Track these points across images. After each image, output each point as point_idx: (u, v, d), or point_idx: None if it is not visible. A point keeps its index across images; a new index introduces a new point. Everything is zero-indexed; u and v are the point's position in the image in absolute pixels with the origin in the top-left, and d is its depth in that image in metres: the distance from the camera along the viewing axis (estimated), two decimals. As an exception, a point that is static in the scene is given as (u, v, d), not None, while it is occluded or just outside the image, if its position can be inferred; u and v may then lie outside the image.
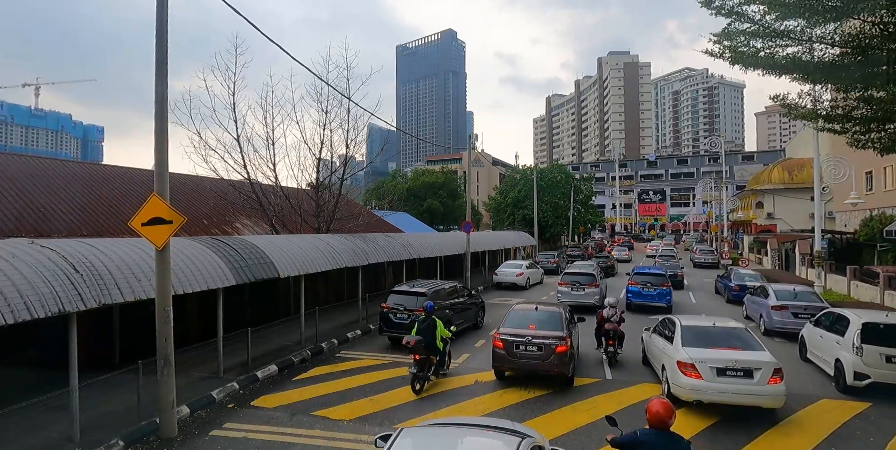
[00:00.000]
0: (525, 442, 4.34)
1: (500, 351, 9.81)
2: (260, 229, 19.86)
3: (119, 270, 7.96)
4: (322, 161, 18.49)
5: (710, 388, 8.26)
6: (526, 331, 9.84)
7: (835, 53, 10.40)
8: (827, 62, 10.29)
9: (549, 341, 9.55)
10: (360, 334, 14.46)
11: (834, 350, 10.19)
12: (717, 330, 9.35)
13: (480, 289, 24.47)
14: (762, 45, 10.39)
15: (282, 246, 12.63)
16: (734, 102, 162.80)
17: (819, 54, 10.58)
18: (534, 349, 9.59)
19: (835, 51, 10.43)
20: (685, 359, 8.59)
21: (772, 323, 14.53)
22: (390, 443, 4.30)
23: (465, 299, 14.83)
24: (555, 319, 10.17)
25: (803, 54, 10.53)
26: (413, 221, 41.31)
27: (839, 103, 11.89)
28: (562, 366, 9.48)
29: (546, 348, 9.50)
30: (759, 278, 20.71)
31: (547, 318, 10.28)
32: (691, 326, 9.52)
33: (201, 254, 9.89)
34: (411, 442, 4.36)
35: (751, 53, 10.40)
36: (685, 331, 9.33)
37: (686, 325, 9.58)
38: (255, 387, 9.90)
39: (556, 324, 10.02)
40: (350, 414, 8.41)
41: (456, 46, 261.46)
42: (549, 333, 9.70)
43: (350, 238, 16.22)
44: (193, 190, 20.20)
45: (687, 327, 9.46)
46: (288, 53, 11.05)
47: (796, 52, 10.53)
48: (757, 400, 8.22)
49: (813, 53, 10.59)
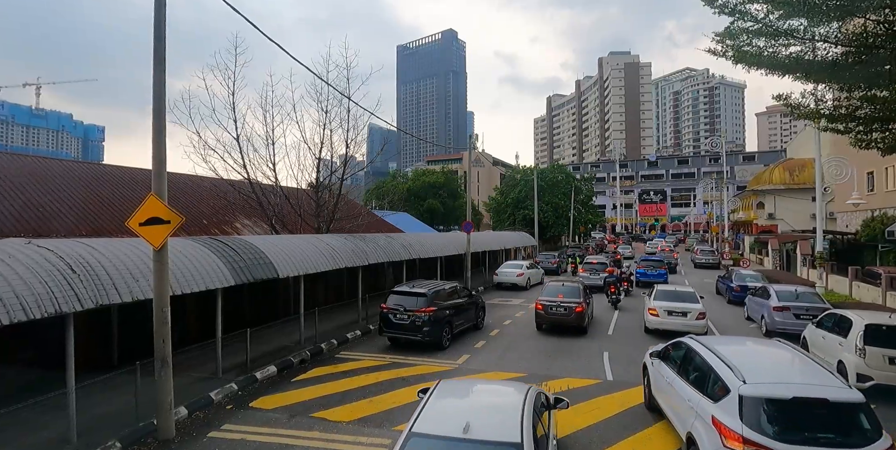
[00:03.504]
0: (533, 389, 5.74)
1: (540, 311, 14.85)
2: (260, 229, 19.81)
3: (117, 270, 7.90)
4: (322, 161, 18.44)
5: (663, 322, 14.34)
6: (556, 298, 14.79)
7: (838, 53, 10.29)
8: (830, 62, 10.18)
9: (572, 304, 14.49)
10: (359, 335, 14.40)
11: (836, 352, 10.12)
12: (676, 292, 15.46)
13: (481, 289, 24.41)
14: (765, 44, 10.29)
15: (281, 246, 12.57)
16: (735, 103, 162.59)
17: (822, 53, 10.47)
18: (561, 309, 14.54)
19: (838, 50, 10.33)
20: (652, 306, 14.80)
21: (773, 324, 14.46)
22: (431, 390, 5.63)
23: (466, 300, 14.76)
24: (576, 291, 15.08)
25: (806, 54, 10.42)
26: (413, 222, 41.24)
27: (842, 103, 11.79)
28: (580, 321, 14.49)
29: (569, 309, 14.44)
30: (760, 279, 20.63)
31: (570, 290, 15.15)
32: (662, 290, 15.71)
33: (200, 254, 9.83)
34: (447, 388, 5.83)
35: (753, 53, 10.30)
36: (657, 292, 15.51)
37: (659, 289, 15.86)
38: (254, 388, 9.83)
39: (577, 294, 14.93)
40: (349, 416, 8.35)
41: (456, 46, 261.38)
42: (572, 300, 14.65)
43: (350, 238, 16.16)
44: (193, 190, 20.16)
45: (659, 290, 15.68)
46: (287, 52, 11.00)
47: (800, 52, 10.43)
48: (688, 328, 13.38)
49: (816, 53, 10.50)
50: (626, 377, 10.56)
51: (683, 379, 7.05)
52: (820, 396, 5.43)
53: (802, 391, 5.50)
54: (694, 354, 7.14)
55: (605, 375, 10.87)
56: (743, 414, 5.45)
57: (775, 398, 5.47)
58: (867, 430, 5.26)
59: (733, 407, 5.59)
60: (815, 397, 5.41)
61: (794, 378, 6.01)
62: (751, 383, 5.70)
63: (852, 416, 5.37)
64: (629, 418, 8.37)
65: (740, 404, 5.55)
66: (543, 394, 6.05)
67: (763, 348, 7.67)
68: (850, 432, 5.29)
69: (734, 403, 5.61)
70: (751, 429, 5.31)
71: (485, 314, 16.16)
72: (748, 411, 5.46)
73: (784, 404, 5.42)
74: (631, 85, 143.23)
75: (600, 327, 15.80)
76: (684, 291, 15.58)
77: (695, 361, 7.03)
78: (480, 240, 28.15)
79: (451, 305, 13.62)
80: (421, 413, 5.00)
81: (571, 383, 10.17)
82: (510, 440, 4.51)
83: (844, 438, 5.23)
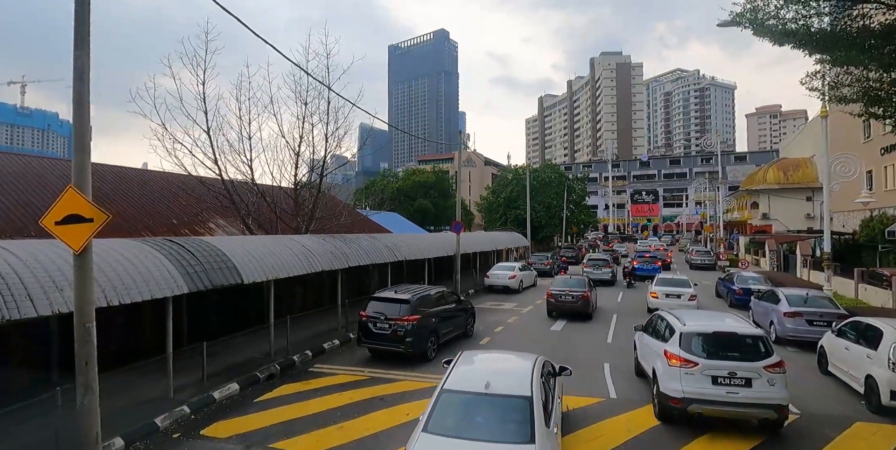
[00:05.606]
0: (540, 358, 6.80)
1: (550, 300, 17.24)
2: (236, 230, 18.50)
3: (35, 278, 6.66)
4: (301, 157, 17.19)
5: (662, 303, 16.65)
6: (565, 288, 17.34)
7: (882, 22, 9.13)
8: (882, 31, 8.94)
9: (578, 293, 16.98)
10: (338, 345, 13.18)
11: (864, 365, 9.10)
12: (672, 279, 18.86)
13: (471, 292, 23.27)
14: (795, 14, 9.14)
15: (249, 248, 11.35)
16: (725, 104, 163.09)
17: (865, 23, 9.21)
18: (570, 298, 16.98)
19: (882, 18, 9.07)
20: (653, 290, 17.90)
21: (784, 331, 13.45)
22: (454, 361, 6.62)
23: (454, 306, 13.61)
24: (582, 283, 17.86)
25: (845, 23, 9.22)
26: (403, 222, 40.04)
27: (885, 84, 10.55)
28: (586, 307, 16.96)
29: (577, 297, 16.90)
30: (763, 281, 19.71)
31: (577, 282, 18.00)
32: (661, 277, 19.11)
33: (147, 258, 8.59)
34: (468, 357, 6.93)
35: (781, 24, 9.14)
36: (658, 279, 18.81)
37: (659, 276, 19.37)
38: (210, 411, 8.61)
39: (583, 285, 17.60)
40: (313, 447, 7.17)
41: (448, 46, 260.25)
42: (578, 290, 17.16)
43: (329, 239, 14.95)
44: (163, 187, 18.83)
45: (659, 278, 19.06)
46: (257, 34, 9.74)
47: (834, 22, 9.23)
48: (681, 306, 16.08)
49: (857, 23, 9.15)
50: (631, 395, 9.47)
51: (654, 338, 9.33)
52: (731, 330, 8.16)
53: (720, 328, 8.27)
54: (662, 319, 9.47)
55: (609, 392, 9.76)
56: (681, 344, 8.10)
57: (702, 332, 8.16)
58: (763, 352, 7.77)
59: (676, 341, 8.23)
60: (728, 331, 8.14)
61: (719, 324, 8.49)
62: (688, 325, 8.45)
63: (754, 343, 7.92)
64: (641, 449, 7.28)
65: (680, 338, 8.20)
66: (550, 363, 7.22)
67: (711, 314, 10.37)
68: (751, 351, 7.80)
69: (677, 338, 8.26)
70: (686, 352, 7.95)
71: (475, 321, 15.01)
72: (684, 342, 8.11)
73: (707, 336, 8.11)
74: (623, 85, 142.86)
75: (601, 334, 14.74)
76: (679, 278, 19.09)
77: (662, 323, 9.34)
78: (471, 241, 27.02)
79: (438, 313, 12.47)
80: (449, 376, 6.11)
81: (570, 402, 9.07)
82: (523, 394, 5.63)
83: (746, 355, 7.75)
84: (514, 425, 5.29)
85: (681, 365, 7.74)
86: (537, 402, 5.50)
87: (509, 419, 5.37)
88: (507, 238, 35.41)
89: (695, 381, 7.55)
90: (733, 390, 7.39)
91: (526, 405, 5.44)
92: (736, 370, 7.46)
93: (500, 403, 5.57)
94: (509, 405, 5.52)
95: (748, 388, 7.37)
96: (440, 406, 5.57)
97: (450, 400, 5.64)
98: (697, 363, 7.64)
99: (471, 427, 5.35)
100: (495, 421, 5.39)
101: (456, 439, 5.13)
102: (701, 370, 7.58)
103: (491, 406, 5.55)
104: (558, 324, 16.42)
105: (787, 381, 7.64)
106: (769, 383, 7.36)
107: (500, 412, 5.48)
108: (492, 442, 5.05)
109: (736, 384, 7.42)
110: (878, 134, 31.09)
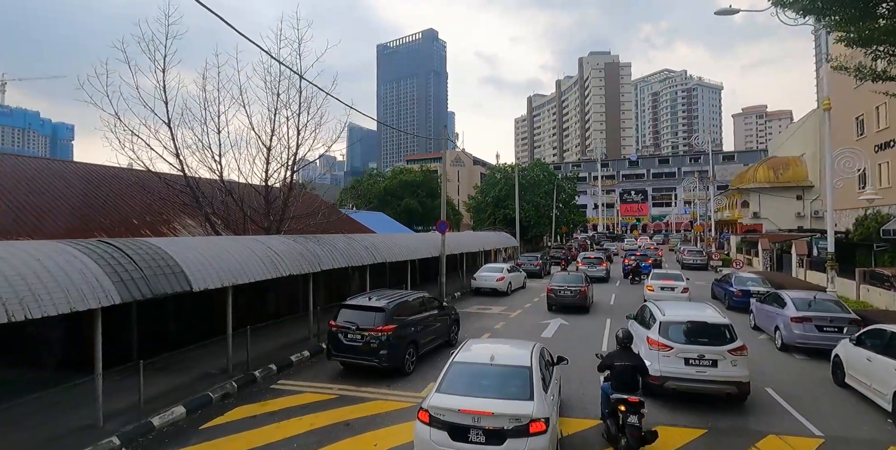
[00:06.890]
0: (538, 344, 7.73)
1: (550, 294, 18.62)
2: (205, 231, 17.17)
3: None
4: (272, 151, 15.89)
5: (657, 295, 18.44)
6: (563, 284, 18.71)
7: None
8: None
9: (576, 288, 18.34)
10: (307, 356, 11.92)
11: (892, 379, 8.12)
12: (667, 273, 20.91)
13: (457, 295, 22.14)
14: None
15: (204, 251, 10.09)
16: (712, 104, 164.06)
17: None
18: (568, 292, 18.32)
19: None
20: (649, 284, 19.75)
21: (791, 337, 12.46)
22: (459, 349, 7.43)
23: (436, 312, 12.45)
24: (579, 279, 19.21)
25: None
26: (390, 222, 38.82)
27: None
28: (583, 301, 18.29)
29: (575, 291, 18.26)
30: (763, 283, 18.83)
31: (575, 278, 19.41)
32: (657, 272, 21.40)
33: (69, 263, 7.31)
34: (474, 343, 7.84)
35: None
36: (653, 274, 20.91)
37: (654, 272, 21.66)
38: (146, 442, 7.34)
39: (580, 281, 18.98)
40: (259, 490, 5.98)
41: (437, 46, 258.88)
42: (576, 285, 18.57)
43: (300, 240, 13.71)
44: (121, 184, 17.44)
45: (655, 272, 21.30)
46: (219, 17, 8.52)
47: None
48: (675, 298, 17.87)
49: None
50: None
51: (641, 326, 10.45)
52: (702, 320, 9.30)
53: (694, 318, 9.41)
54: (648, 309, 10.69)
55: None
56: (660, 331, 9.21)
57: (678, 321, 9.34)
58: (728, 338, 8.89)
59: (657, 329, 9.32)
60: (700, 321, 9.27)
61: (694, 315, 9.65)
62: (667, 315, 9.60)
63: (721, 331, 9.04)
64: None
65: (660, 326, 9.30)
66: (548, 352, 7.97)
67: (691, 305, 11.79)
68: (718, 337, 8.92)
69: (657, 327, 9.34)
70: (664, 338, 9.07)
71: (459, 328, 13.88)
72: (663, 330, 9.22)
73: (683, 324, 9.25)
74: (611, 85, 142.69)
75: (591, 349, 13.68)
76: (673, 272, 21.15)
77: (647, 313, 10.50)
78: (458, 241, 25.86)
79: (418, 321, 11.29)
80: (457, 354, 7.07)
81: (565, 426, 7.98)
82: (523, 365, 6.60)
83: (714, 340, 8.88)
84: (516, 388, 6.21)
85: (659, 349, 8.96)
86: (536, 372, 6.46)
87: (511, 384, 6.28)
88: (496, 238, 34.32)
89: (670, 362, 8.80)
90: (702, 369, 8.67)
91: (526, 373, 6.41)
92: (704, 353, 8.69)
93: (503, 371, 6.54)
94: (511, 373, 6.47)
95: (714, 368, 8.64)
96: (451, 374, 6.51)
97: (459, 370, 6.61)
98: (672, 347, 8.87)
99: (478, 388, 6.26)
100: (499, 384, 6.32)
101: (466, 396, 6.05)
102: (675, 353, 8.81)
103: (495, 374, 6.50)
104: (549, 329, 15.34)
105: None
106: (732, 363, 8.61)
107: (504, 378, 6.41)
108: (496, 398, 6.01)
109: (704, 365, 8.68)
110: (871, 131, 30.59)
